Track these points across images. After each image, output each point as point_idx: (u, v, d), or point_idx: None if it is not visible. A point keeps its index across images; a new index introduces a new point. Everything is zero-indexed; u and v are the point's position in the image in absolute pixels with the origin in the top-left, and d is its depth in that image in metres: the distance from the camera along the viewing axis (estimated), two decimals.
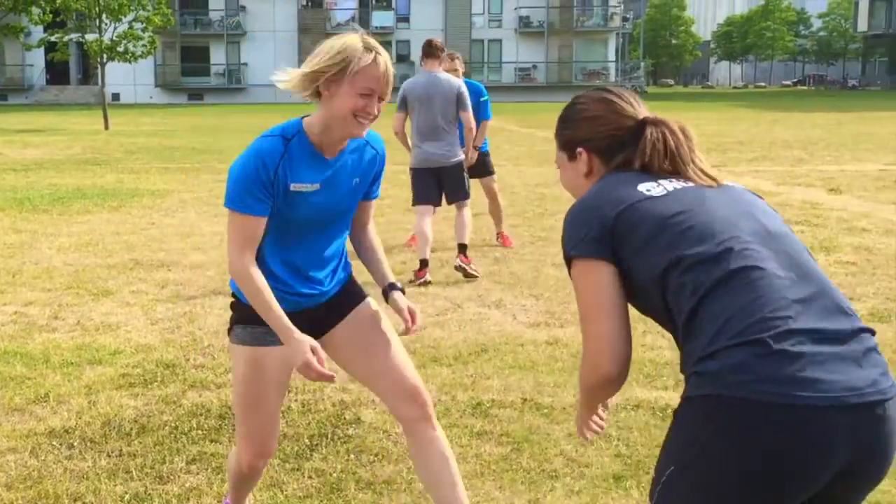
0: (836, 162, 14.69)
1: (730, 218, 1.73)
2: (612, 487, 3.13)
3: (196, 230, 8.75)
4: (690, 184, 1.81)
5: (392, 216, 9.56)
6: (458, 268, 6.64)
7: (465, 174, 7.01)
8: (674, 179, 1.81)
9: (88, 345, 4.96)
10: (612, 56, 54.09)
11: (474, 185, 7.47)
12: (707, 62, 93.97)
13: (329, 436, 3.65)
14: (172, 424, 3.78)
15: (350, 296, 2.63)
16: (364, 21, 52.02)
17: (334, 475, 3.29)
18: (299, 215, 2.40)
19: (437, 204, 6.95)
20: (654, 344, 4.82)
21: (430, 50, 6.86)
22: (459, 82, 6.90)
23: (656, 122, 1.87)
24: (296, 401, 4.06)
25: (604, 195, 1.79)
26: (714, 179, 1.83)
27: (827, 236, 8.02)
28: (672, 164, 1.83)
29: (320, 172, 2.40)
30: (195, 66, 52.00)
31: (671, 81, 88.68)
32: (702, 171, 1.84)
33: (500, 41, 52.80)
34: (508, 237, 8.02)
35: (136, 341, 5.04)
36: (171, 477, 3.29)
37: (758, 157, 15.63)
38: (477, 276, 6.60)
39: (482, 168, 7.76)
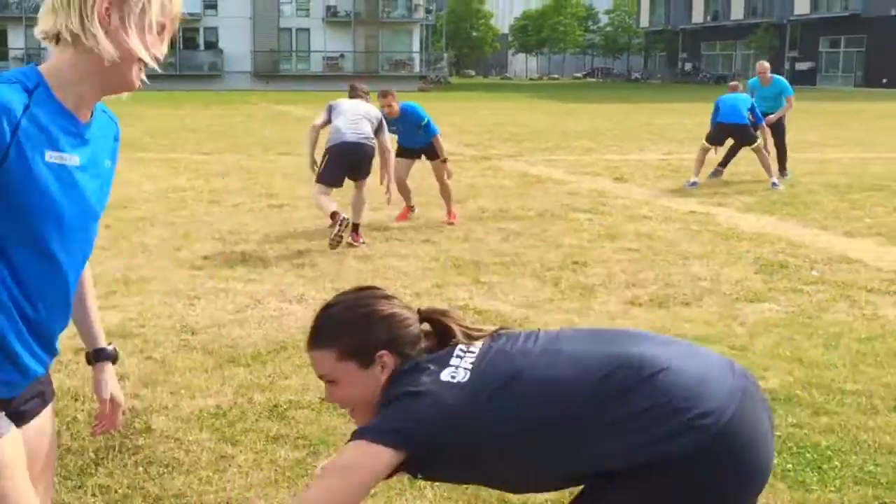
0: (620, 151, 15.62)
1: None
2: (406, 488, 3.16)
3: None
4: (476, 349, 1.85)
5: (195, 208, 9.23)
6: (342, 242, 7.04)
7: (371, 163, 7.60)
8: (466, 354, 1.83)
9: None
10: (416, 47, 54.73)
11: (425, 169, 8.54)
12: (506, 54, 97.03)
13: (117, 447, 3.47)
14: None
15: (50, 383, 1.84)
16: None
17: (120, 491, 3.14)
18: (49, 208, 1.58)
19: (338, 186, 7.55)
20: None
21: (354, 93, 7.94)
22: (378, 112, 7.77)
23: (444, 313, 1.92)
24: (82, 410, 3.84)
25: (436, 400, 1.73)
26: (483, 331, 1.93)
27: (612, 223, 8.53)
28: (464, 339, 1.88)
29: (76, 142, 1.63)
30: None
31: (472, 72, 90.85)
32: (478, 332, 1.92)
33: (308, 30, 52.20)
34: (454, 214, 8.64)
35: None
36: None
37: (551, 147, 16.36)
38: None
39: (433, 152, 8.63)
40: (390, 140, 7.88)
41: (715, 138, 11.49)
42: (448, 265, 6.76)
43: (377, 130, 7.61)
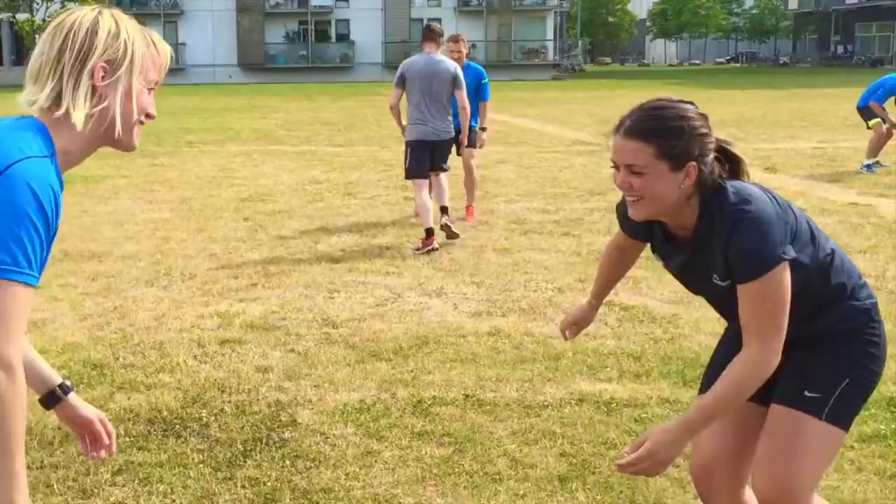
0: (770, 140, 14.88)
1: None
2: (557, 490, 3.05)
3: (129, 218, 8.46)
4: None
5: (332, 200, 9.37)
6: (443, 227, 7.04)
7: (452, 148, 7.48)
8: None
9: None
10: (550, 34, 54.18)
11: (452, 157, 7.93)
12: (643, 40, 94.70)
13: (264, 440, 3.50)
14: None
15: None
16: (303, 1, 51.32)
17: (269, 484, 3.15)
18: None
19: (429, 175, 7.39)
20: (598, 333, 4.76)
21: (429, 34, 7.31)
22: (455, 65, 7.33)
23: (728, 142, 2.15)
24: (229, 402, 3.90)
25: (775, 203, 2.08)
26: None
27: None
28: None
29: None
30: None
31: (608, 59, 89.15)
32: None
33: (439, 20, 52.35)
34: (473, 211, 8.29)
35: (64, 339, 4.81)
36: (96, 490, 3.11)
37: None
38: (458, 236, 7.08)
39: (468, 141, 8.19)
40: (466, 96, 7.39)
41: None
42: (590, 259, 6.55)
43: (453, 86, 7.15)
